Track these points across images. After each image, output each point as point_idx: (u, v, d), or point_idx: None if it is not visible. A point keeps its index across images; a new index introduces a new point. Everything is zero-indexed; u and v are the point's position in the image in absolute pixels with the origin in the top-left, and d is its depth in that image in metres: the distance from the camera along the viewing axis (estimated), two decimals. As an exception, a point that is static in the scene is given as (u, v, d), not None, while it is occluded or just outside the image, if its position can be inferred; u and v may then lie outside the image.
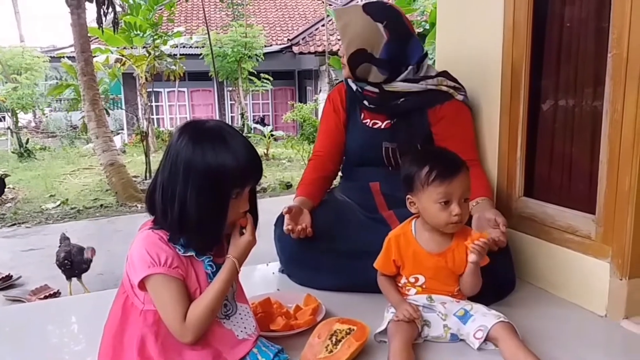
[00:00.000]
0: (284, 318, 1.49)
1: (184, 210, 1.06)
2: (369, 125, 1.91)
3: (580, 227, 1.65)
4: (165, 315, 1.06)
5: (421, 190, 1.41)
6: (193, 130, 1.09)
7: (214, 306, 1.09)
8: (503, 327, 1.35)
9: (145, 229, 1.11)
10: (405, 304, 1.43)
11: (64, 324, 1.72)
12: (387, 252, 1.50)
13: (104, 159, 6.98)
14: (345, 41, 1.82)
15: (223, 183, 1.08)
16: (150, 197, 1.12)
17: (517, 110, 1.85)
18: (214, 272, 1.13)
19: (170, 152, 1.08)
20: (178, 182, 1.05)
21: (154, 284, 1.06)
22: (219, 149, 1.07)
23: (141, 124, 12.10)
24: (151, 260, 1.04)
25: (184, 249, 1.10)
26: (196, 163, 1.05)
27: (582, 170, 1.71)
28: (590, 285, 1.62)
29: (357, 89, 1.90)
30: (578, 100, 1.74)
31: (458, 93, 1.86)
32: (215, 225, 1.11)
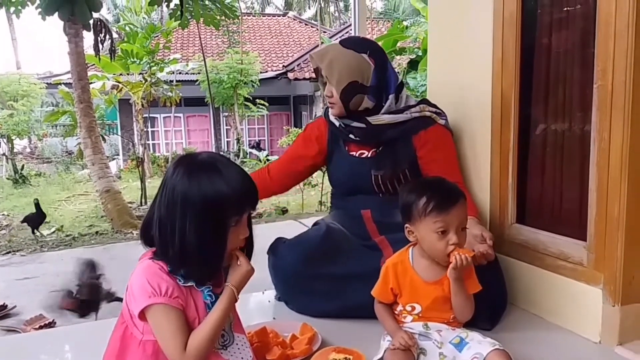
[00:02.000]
0: (280, 348, 1.50)
1: (184, 242, 1.07)
2: (356, 155, 1.95)
3: (572, 253, 1.68)
4: (165, 345, 1.07)
5: (419, 220, 1.43)
6: (187, 163, 1.12)
7: (213, 335, 1.10)
8: (498, 354, 1.36)
9: (146, 259, 1.13)
10: (401, 331, 1.43)
11: (60, 354, 1.71)
12: (385, 280, 1.52)
13: (100, 186, 6.96)
14: (335, 78, 1.85)
15: (221, 212, 1.10)
16: (147, 231, 1.14)
17: (508, 137, 1.89)
18: (212, 302, 1.14)
19: (166, 186, 1.11)
20: (177, 216, 1.07)
21: (155, 314, 1.07)
22: (214, 179, 1.10)
23: (137, 149, 12.13)
24: (152, 290, 1.06)
25: (184, 279, 1.11)
26: (193, 195, 1.07)
27: (573, 197, 1.74)
28: (584, 311, 1.63)
29: (341, 124, 1.95)
30: (567, 128, 1.78)
31: (440, 118, 1.92)
32: (216, 255, 1.13)
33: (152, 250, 1.14)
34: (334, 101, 1.89)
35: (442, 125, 1.92)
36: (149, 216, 1.14)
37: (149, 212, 1.15)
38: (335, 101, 1.89)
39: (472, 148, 2.02)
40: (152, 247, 1.14)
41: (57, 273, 3.75)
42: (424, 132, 1.87)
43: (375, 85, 1.87)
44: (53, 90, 14.68)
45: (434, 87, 2.28)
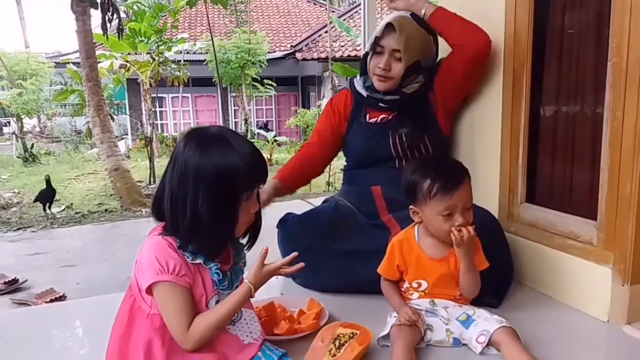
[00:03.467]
0: (288, 322, 1.51)
1: (196, 216, 1.07)
2: (377, 121, 1.96)
3: (581, 233, 1.67)
4: (169, 322, 1.08)
5: (424, 202, 1.43)
6: (198, 137, 1.11)
7: (220, 324, 1.12)
8: (506, 332, 1.36)
9: (155, 235, 1.13)
10: (406, 307, 1.44)
11: (70, 327, 1.74)
12: (391, 258, 1.52)
13: (109, 164, 7.00)
14: (407, 54, 1.83)
15: (233, 185, 1.10)
16: (158, 205, 1.13)
17: (519, 116, 1.87)
18: (220, 280, 1.15)
19: (176, 160, 1.10)
20: (188, 190, 1.07)
21: (161, 291, 1.07)
22: (226, 152, 1.09)
23: (145, 129, 12.16)
24: (159, 267, 1.06)
25: (193, 255, 1.11)
26: (205, 168, 1.07)
27: (584, 176, 1.72)
28: (593, 291, 1.63)
29: (369, 95, 1.95)
30: (579, 107, 1.75)
31: None
32: (227, 229, 1.13)
33: (161, 226, 1.14)
34: (391, 75, 1.87)
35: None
36: (159, 191, 1.13)
37: (159, 186, 1.15)
38: (393, 75, 1.87)
39: (483, 127, 2.00)
40: (163, 221, 1.14)
41: (67, 249, 3.79)
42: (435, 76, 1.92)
43: (430, 67, 1.91)
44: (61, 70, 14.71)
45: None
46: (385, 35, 1.86)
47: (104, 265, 3.38)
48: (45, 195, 6.24)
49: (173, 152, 1.14)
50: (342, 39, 13.83)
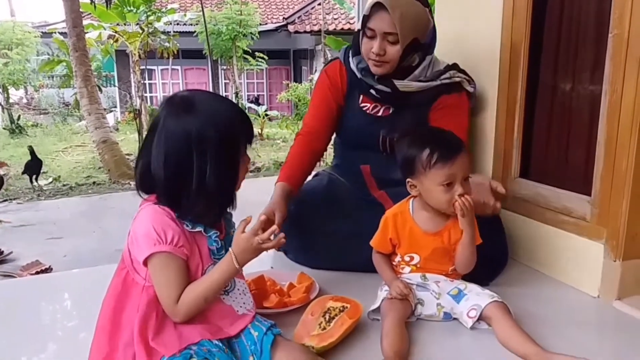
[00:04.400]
0: (278, 295, 1.49)
1: (203, 183, 1.03)
2: (368, 111, 1.82)
3: (575, 208, 1.65)
4: (160, 293, 1.05)
5: (423, 173, 1.40)
6: (183, 101, 1.06)
7: (208, 295, 1.07)
8: (497, 306, 1.35)
9: (150, 204, 1.08)
10: (398, 281, 1.42)
11: (57, 299, 1.70)
12: (384, 231, 1.50)
13: (97, 136, 6.91)
14: (403, 34, 1.62)
15: (235, 143, 1.08)
16: (147, 178, 1.07)
17: (515, 90, 1.83)
18: (218, 249, 1.12)
19: (166, 128, 1.03)
20: (193, 157, 1.02)
21: (157, 262, 1.04)
22: (220, 109, 1.06)
23: (134, 101, 11.98)
24: (157, 237, 1.02)
25: (192, 224, 1.08)
26: (207, 131, 1.02)
27: (579, 151, 1.70)
28: (584, 266, 1.62)
29: (362, 78, 1.77)
30: (577, 82, 1.72)
31: (469, 85, 1.78)
32: (232, 189, 1.11)
33: (153, 197, 1.09)
34: (386, 59, 1.67)
35: (468, 92, 1.79)
36: (145, 163, 1.07)
37: (142, 159, 1.08)
38: (389, 59, 1.67)
39: (479, 100, 1.96)
40: (152, 194, 1.09)
41: (54, 221, 3.76)
42: (445, 97, 1.75)
43: (428, 44, 1.73)
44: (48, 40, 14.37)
45: (442, 38, 2.19)
46: (375, 16, 1.65)
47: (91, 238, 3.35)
48: (31, 166, 6.15)
49: (155, 122, 1.07)
50: (336, 12, 13.62)
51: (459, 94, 1.77)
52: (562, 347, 1.24)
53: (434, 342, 1.35)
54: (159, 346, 1.04)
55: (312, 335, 1.27)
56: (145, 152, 1.08)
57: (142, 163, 1.08)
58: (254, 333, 1.14)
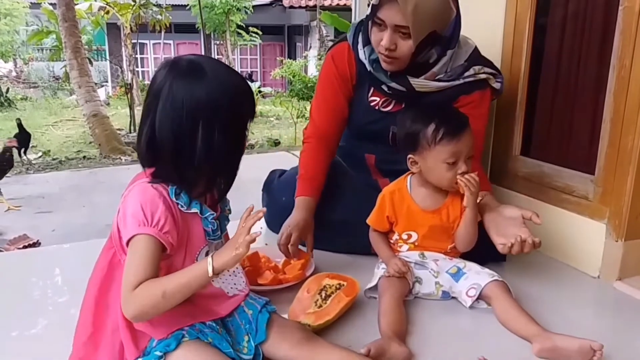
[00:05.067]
0: (272, 272, 1.46)
1: (209, 153, 0.96)
2: (378, 106, 1.65)
3: (577, 187, 1.62)
4: (126, 274, 0.95)
5: (427, 149, 1.35)
6: (194, 68, 0.98)
7: (170, 295, 0.92)
8: (497, 285, 1.32)
9: (143, 182, 1.00)
10: (396, 258, 1.39)
11: (44, 274, 1.65)
12: (381, 208, 1.46)
13: (87, 110, 6.78)
14: (416, 27, 1.40)
15: (244, 112, 1.02)
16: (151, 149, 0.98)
17: (519, 65, 1.78)
18: (213, 230, 1.05)
19: (170, 97, 0.95)
20: (198, 125, 0.95)
21: (136, 243, 0.95)
22: (232, 81, 1.00)
23: (125, 76, 11.77)
24: (144, 218, 0.95)
25: (187, 204, 1.01)
26: (220, 101, 0.96)
27: (583, 128, 1.66)
28: (585, 246, 1.59)
29: (372, 72, 1.58)
30: (583, 56, 1.67)
31: (495, 80, 1.60)
32: (237, 162, 1.04)
33: (146, 173, 1.02)
34: (397, 55, 1.46)
35: (493, 89, 1.61)
36: (148, 133, 0.98)
37: (145, 129, 0.98)
38: (400, 55, 1.46)
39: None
40: (153, 167, 1.01)
41: (43, 195, 3.69)
42: (464, 97, 1.57)
43: (449, 36, 1.49)
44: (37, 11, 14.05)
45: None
46: (385, 6, 1.42)
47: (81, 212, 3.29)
48: (20, 140, 6.04)
49: (159, 87, 0.98)
50: (332, -13, 13.40)
51: (482, 92, 1.58)
52: (562, 327, 1.22)
53: (432, 321, 1.32)
54: (147, 329, 0.99)
55: (308, 312, 1.23)
56: (148, 120, 0.98)
57: (146, 131, 0.98)
58: (248, 312, 1.10)
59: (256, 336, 1.06)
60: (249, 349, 1.05)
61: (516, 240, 1.29)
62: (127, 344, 1.00)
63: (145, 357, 0.99)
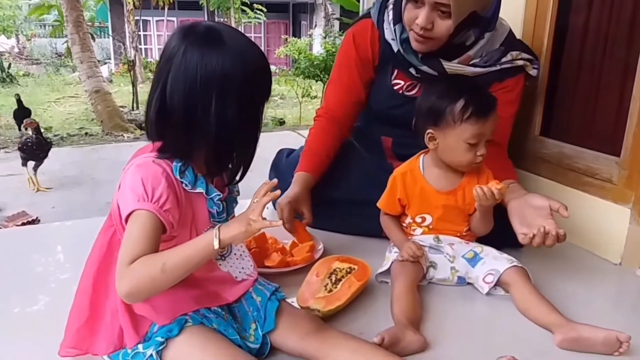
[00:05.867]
0: (280, 254, 1.39)
1: (222, 129, 0.89)
2: (402, 90, 1.56)
3: (601, 169, 1.54)
4: (122, 249, 0.88)
5: (452, 125, 1.26)
6: (211, 35, 0.90)
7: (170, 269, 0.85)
8: (516, 272, 1.26)
9: (145, 157, 0.92)
10: (409, 242, 1.32)
11: (43, 251, 1.59)
12: (392, 191, 1.38)
13: (89, 86, 6.67)
14: (458, 9, 1.30)
15: (262, 88, 0.94)
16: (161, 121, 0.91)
17: (541, 38, 1.69)
18: (219, 212, 0.98)
19: (189, 65, 0.87)
20: (212, 99, 0.87)
21: (135, 218, 0.88)
22: (252, 53, 0.91)
23: (128, 53, 11.64)
24: (144, 193, 0.87)
25: (192, 183, 0.93)
26: (238, 74, 0.88)
27: (609, 107, 1.58)
28: (606, 232, 1.52)
29: (401, 53, 1.48)
30: (612, 28, 1.57)
31: (532, 67, 1.51)
32: (253, 143, 0.96)
33: (151, 147, 0.94)
34: (433, 35, 1.37)
35: (529, 76, 1.52)
36: (159, 104, 0.90)
37: (155, 100, 0.91)
38: (437, 35, 1.37)
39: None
40: (160, 140, 0.93)
41: (43, 171, 3.61)
42: (497, 84, 1.48)
43: (489, 18, 1.39)
44: (39, -15, 13.85)
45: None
46: None
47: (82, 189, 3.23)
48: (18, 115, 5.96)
49: (172, 53, 0.90)
50: (338, -36, 13.14)
51: (516, 79, 1.49)
52: (581, 316, 1.16)
53: (447, 308, 1.25)
54: (149, 314, 0.93)
55: (317, 297, 1.16)
56: (159, 87, 0.90)
57: (157, 98, 0.91)
58: (257, 298, 1.03)
59: (264, 325, 1.00)
60: (256, 338, 0.99)
61: (539, 232, 1.21)
62: (126, 329, 0.93)
63: (145, 343, 0.93)
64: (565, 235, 1.21)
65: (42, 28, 16.11)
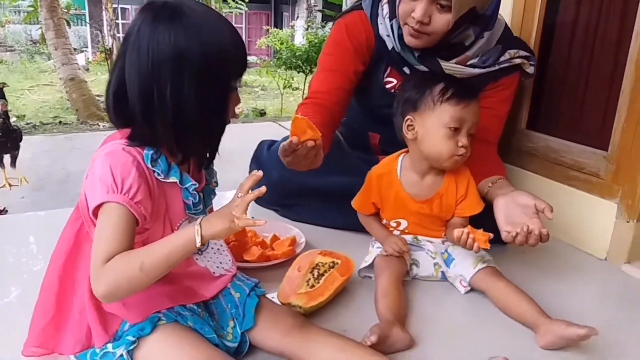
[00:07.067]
0: (260, 248, 1.34)
1: (181, 113, 0.83)
2: (394, 89, 1.49)
3: (587, 163, 1.52)
4: (94, 248, 0.82)
5: (431, 108, 1.21)
6: (169, 10, 0.83)
7: (149, 268, 0.79)
8: (485, 275, 1.22)
9: (114, 144, 0.86)
10: (394, 237, 1.28)
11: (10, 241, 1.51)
12: (367, 192, 1.34)
13: (64, 73, 6.48)
14: (457, 2, 1.24)
15: (226, 69, 0.86)
16: (120, 107, 0.85)
17: (530, 29, 1.66)
18: (195, 203, 0.92)
19: (142, 44, 0.81)
20: (167, 79, 0.81)
21: (105, 212, 0.82)
22: (211, 28, 0.84)
23: (106, 41, 11.37)
24: (113, 184, 0.81)
25: (165, 173, 0.87)
26: (192, 51, 0.81)
27: (597, 101, 1.56)
28: (592, 227, 1.50)
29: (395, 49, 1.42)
30: (602, 22, 1.55)
31: (529, 64, 1.46)
32: (219, 127, 0.90)
33: (121, 134, 0.88)
34: (430, 30, 1.30)
35: (525, 73, 1.47)
36: (117, 87, 0.85)
37: (114, 82, 0.85)
38: (433, 30, 1.30)
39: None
40: (127, 127, 0.87)
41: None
42: (492, 83, 1.44)
43: (489, 16, 1.34)
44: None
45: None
46: None
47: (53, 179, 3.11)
48: None
49: (130, 31, 0.85)
50: (321, -45, 13.03)
51: (511, 77, 1.45)
52: (566, 312, 1.13)
53: (431, 304, 1.22)
54: (119, 311, 0.87)
55: (299, 293, 1.12)
56: (117, 69, 0.85)
57: (114, 82, 0.85)
58: (235, 294, 0.98)
59: (243, 322, 0.94)
60: (234, 336, 0.93)
61: (522, 230, 1.16)
62: (94, 328, 0.87)
63: (115, 342, 0.87)
64: (548, 235, 1.16)
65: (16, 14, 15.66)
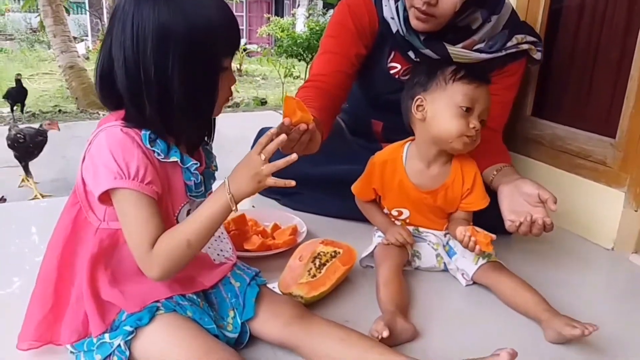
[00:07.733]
0: (260, 237, 1.32)
1: (166, 91, 0.80)
2: (398, 74, 1.46)
3: (594, 151, 1.49)
4: (129, 238, 0.83)
5: (442, 87, 1.17)
6: None
7: (194, 242, 0.82)
8: (487, 270, 1.19)
9: (110, 126, 0.83)
10: (397, 227, 1.25)
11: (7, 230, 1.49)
12: (368, 178, 1.29)
13: (63, 61, 6.43)
14: None
15: (213, 47, 0.83)
16: (108, 88, 0.83)
17: (535, 12, 1.62)
18: (197, 184, 0.90)
19: (125, 22, 0.80)
20: (152, 56, 0.79)
21: (121, 200, 0.81)
22: (201, 3, 0.82)
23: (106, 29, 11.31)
24: (118, 169, 0.79)
25: (165, 152, 0.85)
26: (177, 27, 0.78)
27: (604, 88, 1.52)
28: (599, 216, 1.48)
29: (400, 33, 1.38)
30: (609, 8, 1.51)
31: (536, 50, 1.42)
32: (207, 107, 0.87)
33: (116, 115, 0.85)
34: (436, 12, 1.27)
35: (531, 59, 1.43)
36: (105, 66, 0.83)
37: (101, 60, 0.83)
38: (440, 13, 1.27)
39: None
40: (119, 109, 0.85)
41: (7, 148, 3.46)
42: (498, 69, 1.40)
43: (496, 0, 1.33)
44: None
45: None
46: None
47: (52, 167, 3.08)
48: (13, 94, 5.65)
49: (115, 9, 0.83)
50: (322, -58, 12.89)
51: (518, 63, 1.42)
52: (573, 304, 1.12)
53: (436, 293, 1.20)
54: (117, 301, 0.85)
55: (300, 283, 1.09)
56: (103, 48, 0.83)
57: (100, 61, 0.83)
58: (235, 284, 0.95)
59: (243, 312, 0.92)
60: (234, 326, 0.91)
61: (525, 220, 1.13)
62: (91, 316, 0.85)
63: (113, 332, 0.85)
64: (552, 225, 1.14)
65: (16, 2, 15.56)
